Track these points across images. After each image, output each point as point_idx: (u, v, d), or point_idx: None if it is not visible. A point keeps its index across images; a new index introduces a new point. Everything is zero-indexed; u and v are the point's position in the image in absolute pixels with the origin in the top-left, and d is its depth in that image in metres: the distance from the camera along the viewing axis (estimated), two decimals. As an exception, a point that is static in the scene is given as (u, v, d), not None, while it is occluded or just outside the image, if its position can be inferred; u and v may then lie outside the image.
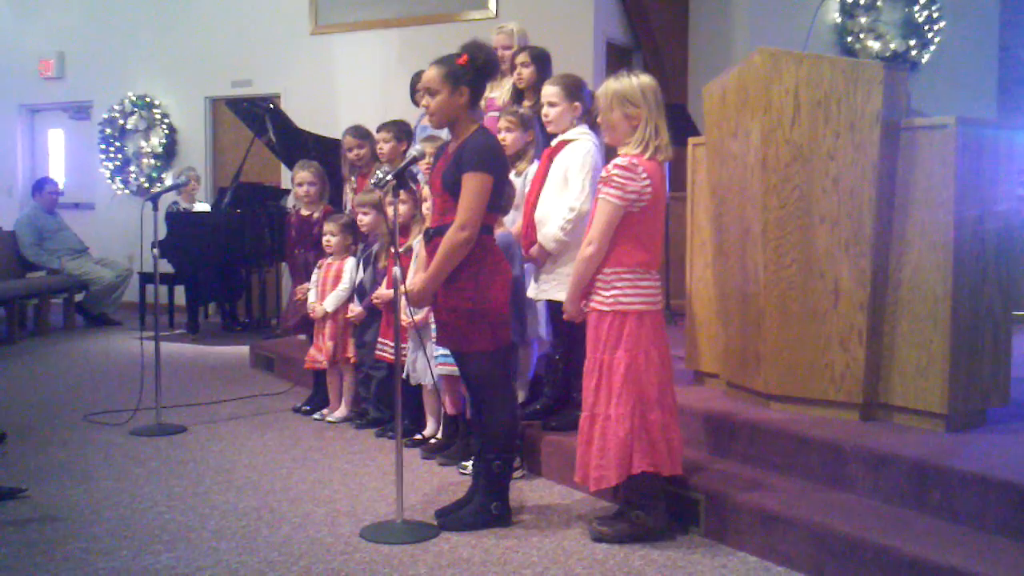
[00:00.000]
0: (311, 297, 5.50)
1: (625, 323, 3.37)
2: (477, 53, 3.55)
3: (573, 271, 3.47)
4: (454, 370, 4.27)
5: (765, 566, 3.25)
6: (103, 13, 10.87)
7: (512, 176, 4.31)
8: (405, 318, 4.44)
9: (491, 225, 3.63)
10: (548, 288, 4.15)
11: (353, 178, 5.90)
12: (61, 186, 10.00)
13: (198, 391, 6.28)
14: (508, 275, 3.68)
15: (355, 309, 5.24)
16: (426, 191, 4.49)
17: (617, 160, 3.34)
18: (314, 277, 5.53)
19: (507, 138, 4.43)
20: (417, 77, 6.29)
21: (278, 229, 8.31)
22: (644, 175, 3.32)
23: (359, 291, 5.24)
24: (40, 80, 11.22)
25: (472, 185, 3.46)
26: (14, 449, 4.79)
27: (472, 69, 3.53)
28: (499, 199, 3.61)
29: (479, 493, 3.67)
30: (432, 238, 3.62)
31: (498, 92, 5.54)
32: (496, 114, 4.89)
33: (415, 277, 3.71)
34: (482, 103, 4.46)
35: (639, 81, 3.36)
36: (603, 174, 3.36)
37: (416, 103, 6.35)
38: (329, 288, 5.41)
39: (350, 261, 5.40)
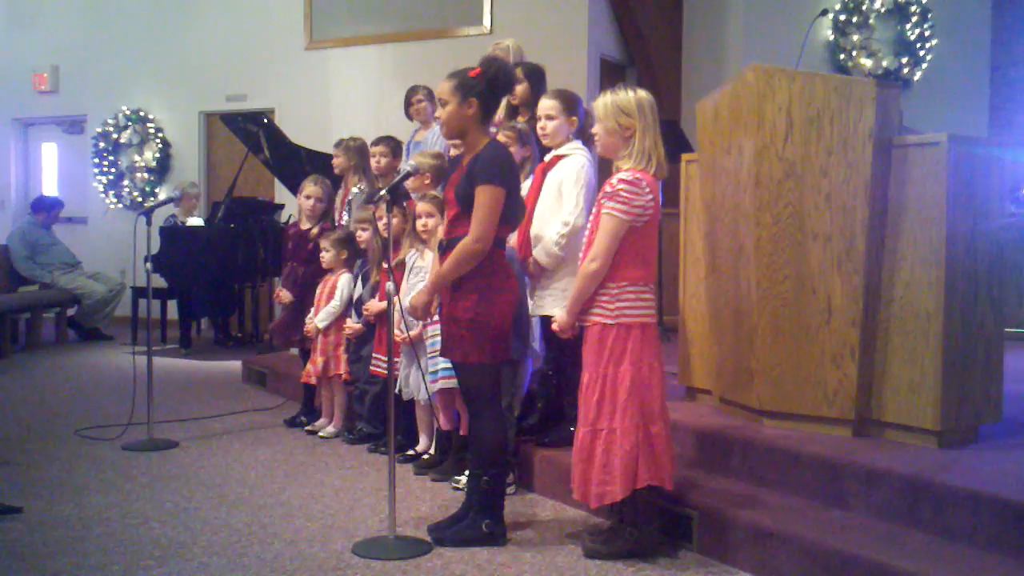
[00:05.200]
0: (311, 313, 5.51)
1: (629, 336, 3.37)
2: (489, 66, 3.57)
3: (575, 286, 3.45)
4: (453, 383, 4.26)
5: (758, 582, 3.25)
6: (98, 27, 10.89)
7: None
8: (399, 333, 4.44)
9: (503, 239, 3.61)
10: (544, 304, 4.15)
11: (341, 190, 5.93)
12: (55, 200, 9.98)
13: (190, 406, 6.26)
14: (514, 293, 3.64)
15: (353, 325, 5.24)
16: (418, 207, 4.50)
17: (622, 175, 3.33)
18: (316, 294, 5.54)
19: None
20: (411, 92, 6.31)
21: (272, 244, 8.32)
22: (648, 190, 3.32)
23: (358, 307, 5.23)
24: (34, 93, 11.22)
25: (484, 198, 3.44)
26: (5, 464, 4.77)
27: (483, 81, 3.52)
28: (511, 212, 3.58)
29: (473, 509, 3.66)
30: (445, 250, 3.59)
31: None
32: (494, 129, 4.90)
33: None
34: None
35: (636, 95, 3.38)
36: (608, 189, 3.34)
37: (410, 117, 6.37)
38: (324, 304, 5.42)
39: (344, 277, 5.40)
